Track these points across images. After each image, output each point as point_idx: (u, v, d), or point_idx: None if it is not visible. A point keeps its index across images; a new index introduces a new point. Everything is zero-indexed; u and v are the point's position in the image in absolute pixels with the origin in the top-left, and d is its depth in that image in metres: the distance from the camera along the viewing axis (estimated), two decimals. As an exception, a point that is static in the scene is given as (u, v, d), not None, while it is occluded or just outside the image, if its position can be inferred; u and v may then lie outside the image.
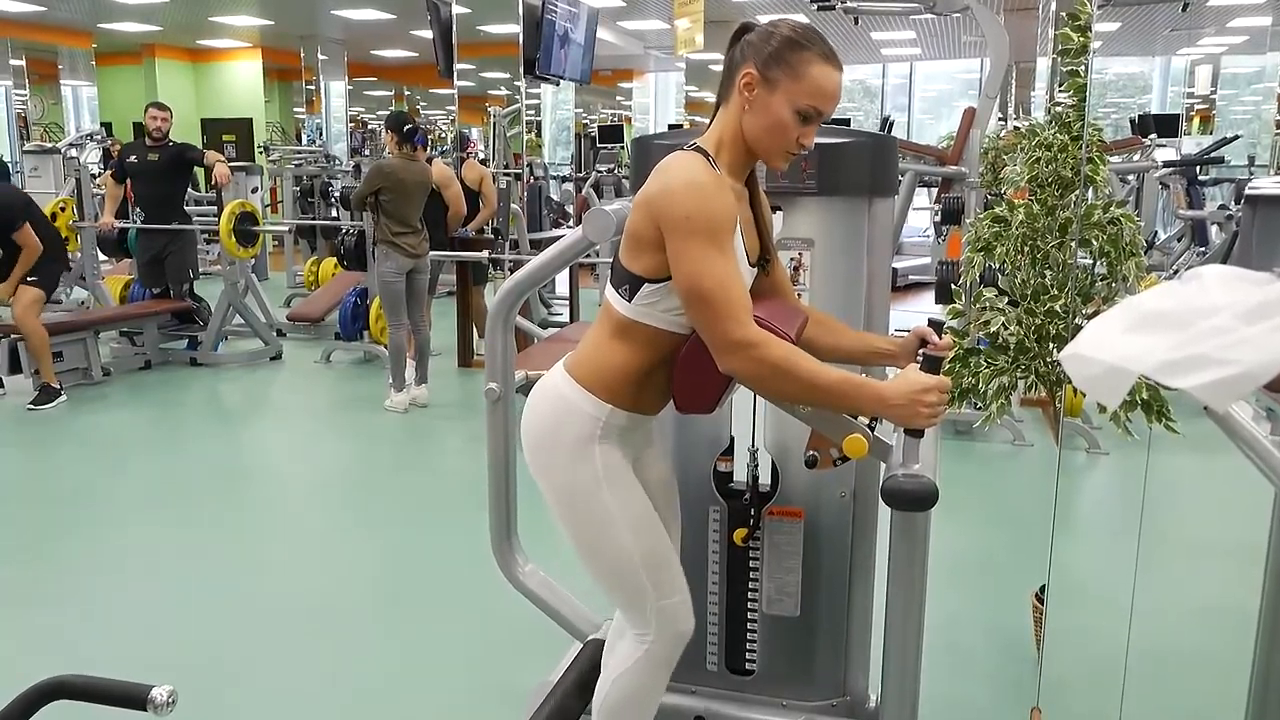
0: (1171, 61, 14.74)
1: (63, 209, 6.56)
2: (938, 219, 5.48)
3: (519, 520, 2.10)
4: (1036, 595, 2.47)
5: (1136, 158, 6.52)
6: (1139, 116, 8.44)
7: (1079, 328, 1.33)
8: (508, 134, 8.73)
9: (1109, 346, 0.69)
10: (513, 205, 5.39)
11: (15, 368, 5.18)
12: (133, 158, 5.96)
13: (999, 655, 2.57)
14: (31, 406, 4.97)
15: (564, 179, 11.51)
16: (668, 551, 1.62)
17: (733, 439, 1.99)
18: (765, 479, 1.96)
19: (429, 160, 5.46)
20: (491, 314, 1.97)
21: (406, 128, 4.96)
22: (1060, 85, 2.25)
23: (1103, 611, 2.68)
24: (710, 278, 1.38)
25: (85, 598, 2.90)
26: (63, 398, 5.08)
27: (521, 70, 5.48)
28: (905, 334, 1.62)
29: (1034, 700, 2.14)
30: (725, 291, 1.38)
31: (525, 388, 1.84)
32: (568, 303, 6.87)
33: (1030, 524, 3.40)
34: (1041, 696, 2.14)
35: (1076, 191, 2.26)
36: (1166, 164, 6.40)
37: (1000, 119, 7.72)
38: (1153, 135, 6.70)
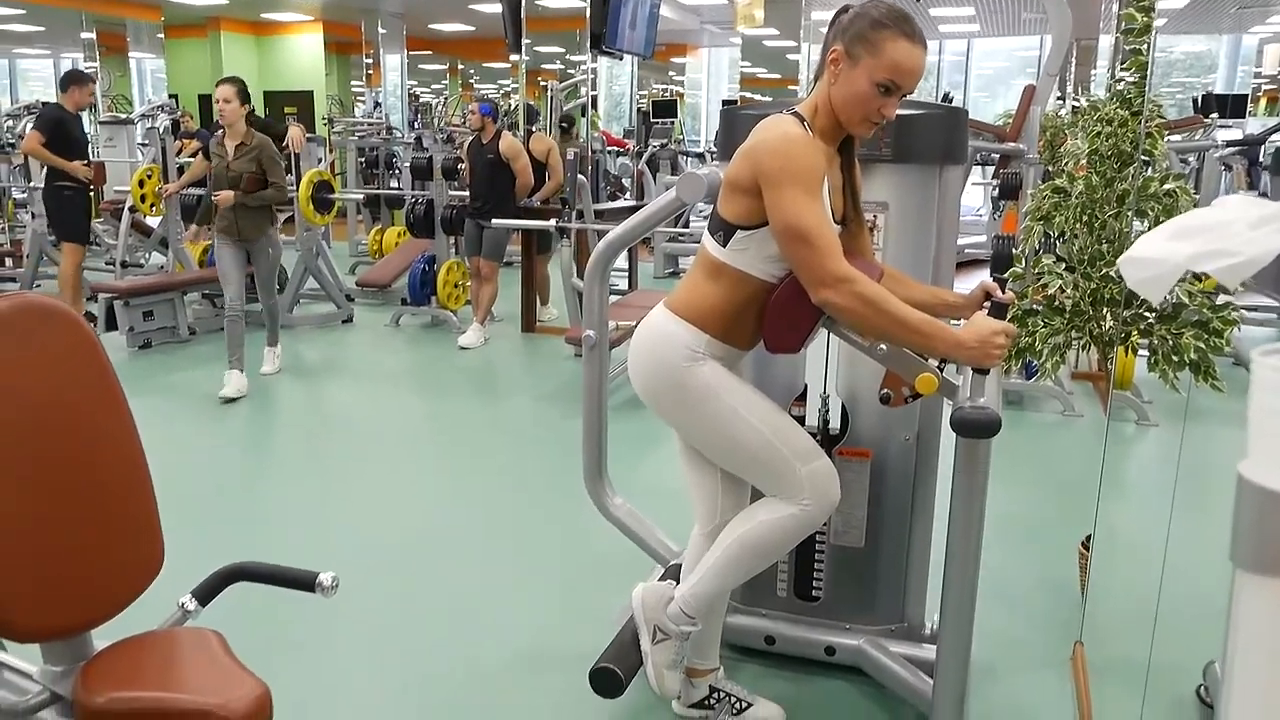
0: (1242, 40, 14.38)
1: (149, 176, 6.91)
2: (994, 194, 5.56)
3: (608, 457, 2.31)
4: (1083, 544, 2.63)
5: (1198, 136, 6.50)
6: (1202, 96, 8.36)
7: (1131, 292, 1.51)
8: (564, 108, 8.93)
9: (1155, 248, 0.90)
10: (579, 176, 5.58)
11: (112, 324, 5.56)
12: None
13: (1047, 600, 2.73)
14: None
15: (619, 152, 11.68)
16: (793, 425, 1.79)
17: (806, 385, 2.17)
18: (835, 422, 2.15)
19: (498, 133, 5.69)
20: (590, 268, 2.18)
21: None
22: (1123, 63, 2.38)
23: (1142, 562, 2.83)
24: (806, 218, 1.57)
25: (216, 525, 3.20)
26: None
27: (589, 45, 5.65)
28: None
29: (1078, 635, 2.31)
30: (820, 231, 1.57)
31: (615, 340, 2.04)
32: (626, 274, 7.09)
33: (1079, 489, 3.53)
34: (1084, 633, 2.31)
35: (1135, 165, 2.39)
36: (1229, 144, 6.37)
37: (1059, 97, 7.71)
38: (1214, 114, 6.67)
